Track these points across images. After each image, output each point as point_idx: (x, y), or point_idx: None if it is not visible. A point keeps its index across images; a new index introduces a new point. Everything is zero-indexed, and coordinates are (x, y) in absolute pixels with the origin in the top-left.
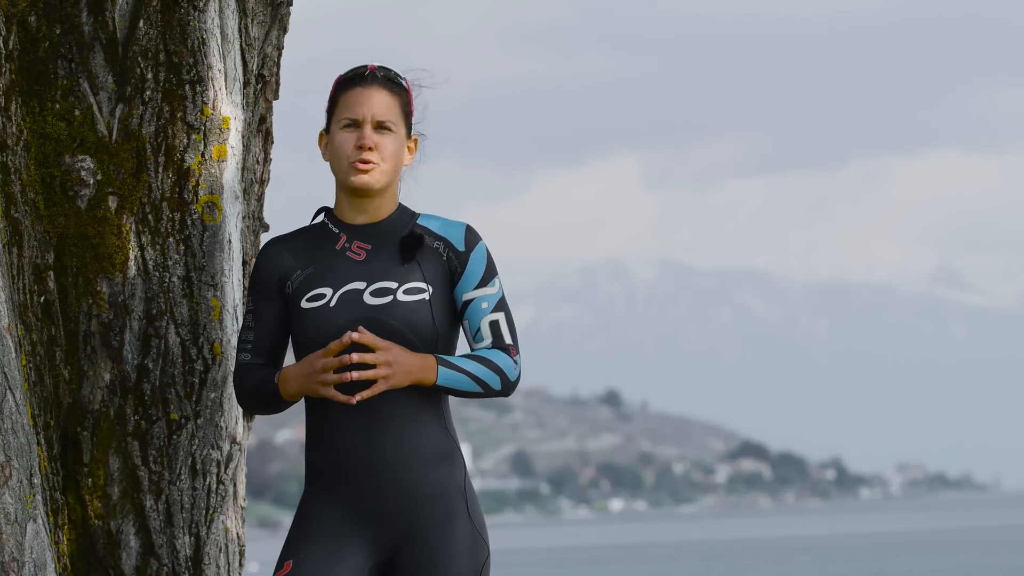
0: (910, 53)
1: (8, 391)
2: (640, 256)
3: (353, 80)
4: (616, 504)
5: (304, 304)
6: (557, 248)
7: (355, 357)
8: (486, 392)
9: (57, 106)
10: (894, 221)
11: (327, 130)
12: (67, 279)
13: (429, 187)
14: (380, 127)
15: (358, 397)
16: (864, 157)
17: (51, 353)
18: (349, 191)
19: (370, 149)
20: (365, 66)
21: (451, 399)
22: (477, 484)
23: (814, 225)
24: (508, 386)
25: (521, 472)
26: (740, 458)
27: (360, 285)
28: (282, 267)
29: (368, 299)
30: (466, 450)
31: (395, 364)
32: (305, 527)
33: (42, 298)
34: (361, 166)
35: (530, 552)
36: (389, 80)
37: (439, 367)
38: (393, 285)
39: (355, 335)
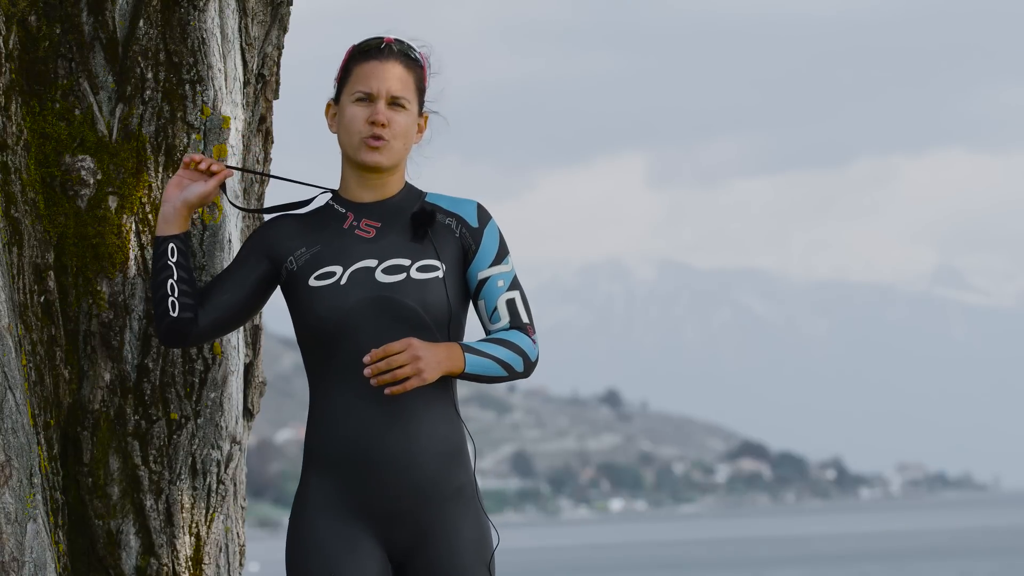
0: (918, 52)
1: (8, 391)
2: (640, 256)
3: (369, 52)
4: (616, 504)
5: (312, 282)
6: (557, 248)
7: (377, 353)
8: (510, 375)
9: (57, 106)
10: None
11: (336, 100)
12: (67, 279)
13: (430, 186)
14: (394, 103)
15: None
16: (871, 157)
17: (51, 353)
18: (358, 167)
19: (383, 125)
20: (381, 38)
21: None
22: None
23: (816, 225)
24: (530, 367)
25: (521, 472)
26: (740, 458)
27: (371, 263)
28: (285, 241)
29: (380, 277)
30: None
31: (424, 359)
32: (318, 533)
33: (42, 298)
34: (373, 143)
35: (530, 552)
36: (405, 55)
37: (465, 354)
38: (406, 262)
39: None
